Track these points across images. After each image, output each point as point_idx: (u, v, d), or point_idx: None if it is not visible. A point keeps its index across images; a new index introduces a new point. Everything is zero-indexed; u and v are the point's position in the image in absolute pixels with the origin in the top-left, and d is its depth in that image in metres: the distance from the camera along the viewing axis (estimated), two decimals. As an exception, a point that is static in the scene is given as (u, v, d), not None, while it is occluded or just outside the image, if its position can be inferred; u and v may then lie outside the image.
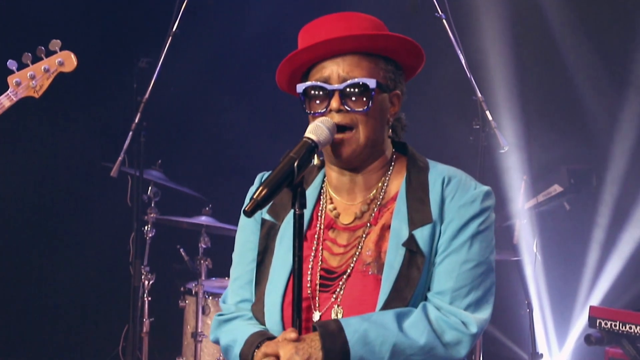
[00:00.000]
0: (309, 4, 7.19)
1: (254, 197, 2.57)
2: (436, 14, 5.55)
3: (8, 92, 4.75)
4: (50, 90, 6.90)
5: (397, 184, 2.86)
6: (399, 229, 2.75)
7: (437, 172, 2.82)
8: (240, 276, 2.95)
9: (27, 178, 5.00)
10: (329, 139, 2.70)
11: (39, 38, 4.81)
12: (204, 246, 6.20)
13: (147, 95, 5.60)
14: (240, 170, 6.99)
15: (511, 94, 6.87)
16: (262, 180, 2.86)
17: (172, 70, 5.85)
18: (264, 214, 2.89)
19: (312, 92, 2.77)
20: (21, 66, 4.76)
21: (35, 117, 6.90)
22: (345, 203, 2.87)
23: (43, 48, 4.76)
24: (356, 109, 2.73)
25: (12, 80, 4.75)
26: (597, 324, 5.14)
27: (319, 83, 2.75)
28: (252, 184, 2.97)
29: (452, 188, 2.78)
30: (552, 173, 6.70)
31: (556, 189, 6.57)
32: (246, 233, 2.96)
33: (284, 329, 2.75)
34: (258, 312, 2.84)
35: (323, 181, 2.94)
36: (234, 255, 3.00)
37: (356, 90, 2.73)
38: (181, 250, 6.28)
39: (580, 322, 6.71)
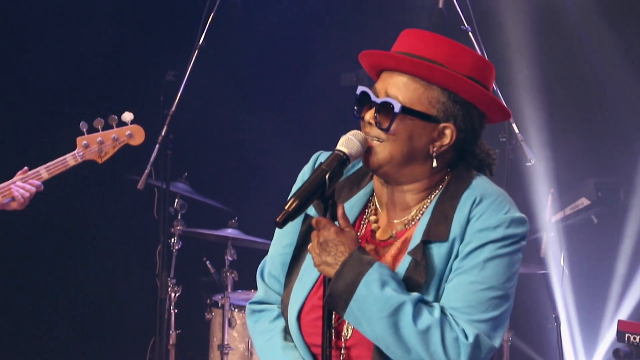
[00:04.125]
0: (337, 18, 7.21)
1: (286, 208, 2.58)
2: (462, 26, 5.55)
3: (75, 152, 4.86)
4: (76, 102, 6.96)
5: None
6: (415, 240, 2.72)
7: (474, 190, 2.73)
8: (276, 255, 2.93)
9: (53, 190, 5.02)
10: (360, 151, 2.71)
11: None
12: (230, 259, 6.20)
13: (173, 108, 5.63)
14: (266, 183, 7.02)
15: (538, 106, 6.84)
16: (317, 162, 2.88)
17: (198, 83, 5.87)
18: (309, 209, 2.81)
19: (361, 96, 2.78)
20: (91, 129, 4.86)
21: (62, 130, 6.95)
22: (385, 218, 2.84)
23: (116, 117, 4.86)
24: (381, 126, 2.72)
25: (81, 141, 4.87)
26: (626, 338, 5.09)
27: (369, 91, 2.76)
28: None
29: (481, 209, 2.69)
30: (579, 186, 6.67)
31: (583, 202, 6.53)
32: None
33: (300, 332, 2.77)
34: (284, 307, 2.84)
35: (373, 189, 2.90)
36: (275, 233, 2.96)
37: (386, 108, 2.72)
38: (207, 262, 6.29)
39: (608, 336, 6.65)
